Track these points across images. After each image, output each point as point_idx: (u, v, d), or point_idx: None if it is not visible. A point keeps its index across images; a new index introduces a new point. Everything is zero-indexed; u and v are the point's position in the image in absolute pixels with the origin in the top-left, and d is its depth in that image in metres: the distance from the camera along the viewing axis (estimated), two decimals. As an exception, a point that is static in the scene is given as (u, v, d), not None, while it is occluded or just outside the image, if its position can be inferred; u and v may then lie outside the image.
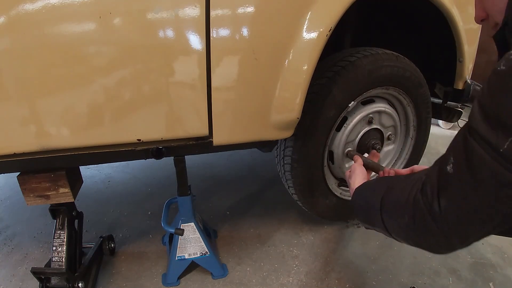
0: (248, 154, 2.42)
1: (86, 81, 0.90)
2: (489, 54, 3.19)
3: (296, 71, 1.04)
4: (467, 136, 0.53)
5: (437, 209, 0.55)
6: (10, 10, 0.81)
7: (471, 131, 0.52)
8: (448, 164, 0.55)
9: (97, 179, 2.10)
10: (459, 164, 0.53)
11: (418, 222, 0.59)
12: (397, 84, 1.35)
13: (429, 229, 0.57)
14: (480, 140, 0.50)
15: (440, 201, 0.55)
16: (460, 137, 0.55)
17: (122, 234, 1.58)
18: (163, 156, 1.06)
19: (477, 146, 0.51)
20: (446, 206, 0.55)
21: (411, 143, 1.58)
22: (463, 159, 0.53)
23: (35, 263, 1.40)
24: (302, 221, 1.66)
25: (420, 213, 0.58)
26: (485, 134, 0.49)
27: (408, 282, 1.30)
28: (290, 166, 1.32)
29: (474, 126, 0.52)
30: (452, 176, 0.54)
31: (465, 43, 1.39)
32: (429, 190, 0.58)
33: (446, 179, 0.55)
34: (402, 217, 0.62)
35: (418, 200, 0.59)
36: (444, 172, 0.56)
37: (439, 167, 0.58)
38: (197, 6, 0.90)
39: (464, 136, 0.54)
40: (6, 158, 0.95)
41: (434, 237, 0.58)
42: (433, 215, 0.56)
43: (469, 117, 0.55)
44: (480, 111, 0.51)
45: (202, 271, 1.33)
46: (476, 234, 0.56)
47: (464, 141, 0.53)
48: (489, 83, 0.50)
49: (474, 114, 0.53)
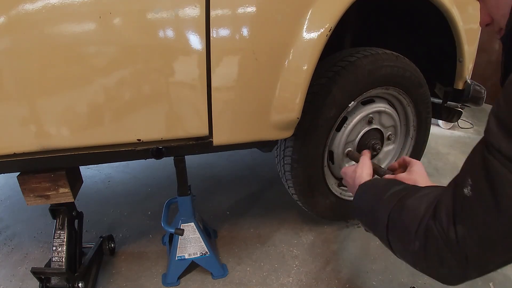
0: (248, 154, 2.42)
1: (86, 81, 0.90)
2: (489, 54, 3.19)
3: (296, 71, 1.04)
4: (485, 154, 0.48)
5: (454, 237, 0.50)
6: (10, 10, 0.81)
7: (490, 148, 0.47)
8: (465, 187, 0.50)
9: (97, 179, 2.10)
10: (479, 185, 0.48)
11: (430, 251, 0.54)
12: (397, 84, 1.35)
13: (443, 259, 0.52)
14: (501, 158, 0.45)
15: (457, 228, 0.50)
16: (477, 156, 0.50)
17: (122, 234, 1.58)
18: (163, 156, 1.06)
19: (498, 165, 0.46)
20: (464, 234, 0.49)
21: (411, 143, 1.58)
22: (483, 180, 0.48)
23: (35, 263, 1.40)
24: (302, 221, 1.66)
25: (434, 242, 0.53)
26: (507, 150, 0.45)
27: (408, 282, 1.30)
28: (290, 166, 1.32)
29: (492, 143, 0.47)
30: (470, 200, 0.49)
31: (465, 43, 1.39)
32: (444, 216, 0.52)
33: (463, 204, 0.50)
34: (412, 243, 0.56)
35: (431, 227, 0.53)
36: (461, 195, 0.50)
37: (453, 190, 0.53)
38: (197, 6, 0.90)
39: (481, 154, 0.49)
40: (6, 158, 0.95)
41: (448, 268, 0.53)
42: (448, 245, 0.51)
43: (485, 132, 0.50)
44: (499, 126, 0.46)
45: (202, 271, 1.33)
46: (496, 264, 0.51)
47: (483, 159, 0.48)
48: (506, 95, 0.46)
49: (491, 129, 0.48)
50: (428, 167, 2.22)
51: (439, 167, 2.26)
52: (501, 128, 0.46)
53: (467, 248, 0.50)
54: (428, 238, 0.54)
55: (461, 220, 0.50)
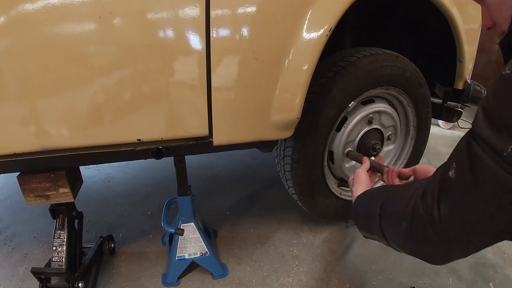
0: (248, 154, 2.42)
1: (86, 81, 0.90)
2: (489, 54, 3.19)
3: (296, 71, 1.04)
4: (470, 141, 0.52)
5: (437, 216, 0.54)
6: (10, 10, 0.81)
7: (475, 137, 0.51)
8: (450, 170, 0.53)
9: (97, 179, 2.10)
10: (462, 169, 0.52)
11: (416, 229, 0.57)
12: (397, 84, 1.35)
13: (427, 237, 0.56)
14: (483, 145, 0.49)
15: (440, 207, 0.53)
16: (463, 143, 0.53)
17: (122, 234, 1.58)
18: (163, 156, 1.06)
19: (480, 151, 0.49)
20: (446, 213, 0.53)
21: (411, 143, 1.58)
22: (465, 164, 0.51)
23: (35, 263, 1.40)
24: (302, 221, 1.66)
25: (419, 220, 0.56)
26: (489, 138, 0.48)
27: (408, 282, 1.30)
28: (290, 166, 1.32)
29: (477, 131, 0.50)
30: (453, 182, 0.53)
31: (465, 43, 1.39)
32: (429, 196, 0.56)
33: (447, 185, 0.54)
34: (400, 224, 0.60)
35: (418, 206, 0.57)
36: (446, 177, 0.54)
37: (441, 173, 0.56)
38: (197, 6, 0.90)
39: (467, 141, 0.52)
40: (6, 158, 0.95)
41: (432, 246, 0.56)
42: (432, 223, 0.54)
43: (472, 123, 0.53)
44: (484, 116, 0.50)
45: (202, 271, 1.33)
46: (477, 244, 0.54)
47: (467, 146, 0.52)
48: (495, 88, 0.49)
49: (478, 119, 0.51)
50: (428, 167, 2.22)
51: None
52: (486, 118, 0.49)
53: (448, 227, 0.53)
54: (414, 217, 0.57)
55: (444, 200, 0.54)
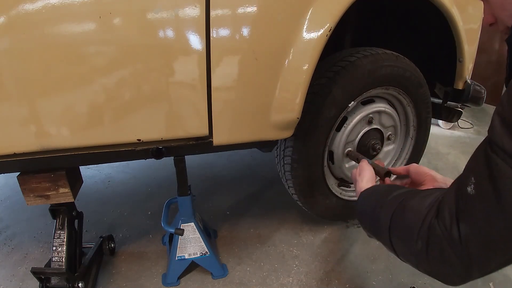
0: (248, 154, 2.42)
1: (86, 81, 0.90)
2: (489, 54, 3.19)
3: (296, 71, 1.04)
4: (488, 152, 0.48)
5: (457, 236, 0.50)
6: (10, 10, 0.81)
7: (493, 147, 0.47)
8: (468, 185, 0.50)
9: (97, 179, 2.10)
10: (482, 184, 0.48)
11: (433, 250, 0.53)
12: (397, 84, 1.35)
13: (445, 258, 0.52)
14: (504, 155, 0.46)
15: (460, 226, 0.50)
16: (481, 154, 0.50)
17: (122, 234, 1.58)
18: (163, 156, 1.06)
19: (501, 163, 0.46)
20: (467, 233, 0.49)
21: (411, 143, 1.58)
22: (485, 178, 0.48)
23: (35, 263, 1.40)
24: (302, 221, 1.66)
25: (436, 240, 0.53)
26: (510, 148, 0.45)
27: (408, 282, 1.30)
28: (290, 166, 1.32)
29: (496, 141, 0.47)
30: (473, 198, 0.49)
31: (465, 43, 1.39)
32: (447, 215, 0.52)
33: (466, 202, 0.50)
34: (415, 243, 0.56)
35: (434, 226, 0.53)
36: (464, 194, 0.50)
37: (457, 189, 0.53)
38: (197, 6, 0.90)
39: (485, 152, 0.49)
40: (6, 158, 0.95)
41: (450, 267, 0.52)
42: (451, 243, 0.51)
43: (488, 131, 0.50)
44: (503, 124, 0.47)
45: (202, 271, 1.33)
46: (499, 263, 0.51)
47: (486, 158, 0.48)
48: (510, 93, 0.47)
49: (495, 128, 0.48)
50: (428, 167, 2.20)
51: (439, 167, 2.26)
52: (504, 127, 0.46)
53: (470, 247, 0.49)
54: (431, 237, 0.53)
55: (464, 218, 0.50)
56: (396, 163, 1.61)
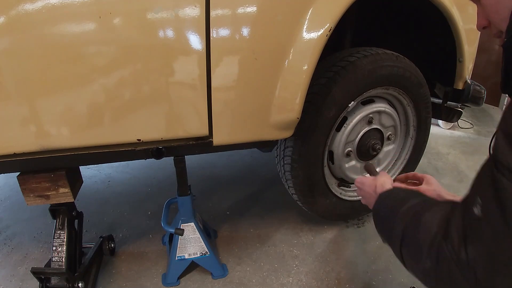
0: (248, 154, 2.42)
1: (86, 81, 0.91)
2: (489, 54, 3.19)
3: (296, 71, 1.04)
4: (494, 172, 0.47)
5: (465, 259, 0.49)
6: (10, 10, 0.81)
7: (499, 166, 0.46)
8: (475, 206, 0.49)
9: (97, 179, 2.10)
10: (488, 205, 0.48)
11: (441, 272, 0.53)
12: (397, 84, 1.35)
13: (453, 280, 0.52)
14: (510, 176, 0.45)
15: (468, 249, 0.49)
16: (486, 174, 0.49)
17: (122, 234, 1.58)
18: (163, 156, 1.06)
19: (508, 183, 0.45)
20: (474, 256, 0.49)
21: (411, 143, 1.58)
22: (492, 199, 0.47)
23: (35, 263, 1.40)
24: (302, 221, 1.66)
25: (445, 263, 0.52)
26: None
27: (408, 282, 1.30)
28: (290, 166, 1.32)
29: (501, 160, 0.46)
30: (480, 220, 0.48)
31: (465, 43, 1.39)
32: (455, 237, 0.51)
33: (473, 224, 0.49)
34: (424, 261, 0.56)
35: (443, 248, 0.53)
36: (471, 215, 0.50)
37: (463, 209, 0.52)
38: (197, 6, 0.90)
39: (491, 172, 0.48)
40: (6, 158, 0.95)
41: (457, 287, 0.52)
42: (459, 265, 0.50)
43: (493, 150, 0.49)
44: (507, 140, 0.46)
45: (202, 271, 1.33)
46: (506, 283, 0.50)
47: (492, 178, 0.47)
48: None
49: (499, 147, 0.47)
50: (428, 167, 2.22)
51: (439, 167, 2.26)
52: (509, 144, 0.45)
53: (477, 270, 0.49)
54: (439, 259, 0.53)
55: (471, 241, 0.49)
56: (396, 163, 1.61)
